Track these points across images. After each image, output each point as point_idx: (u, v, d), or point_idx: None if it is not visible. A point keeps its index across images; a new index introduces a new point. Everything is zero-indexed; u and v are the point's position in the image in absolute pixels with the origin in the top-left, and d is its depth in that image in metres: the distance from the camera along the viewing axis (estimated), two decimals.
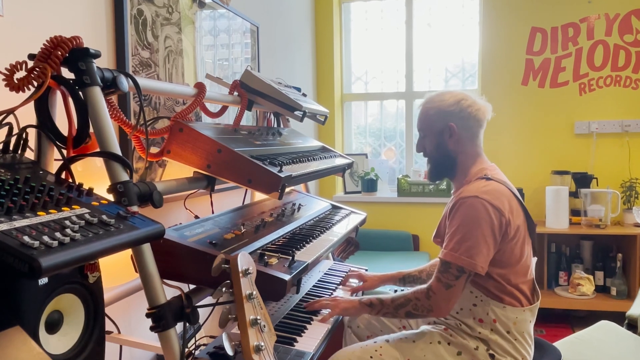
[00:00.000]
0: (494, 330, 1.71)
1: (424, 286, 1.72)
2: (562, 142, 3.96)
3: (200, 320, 1.49)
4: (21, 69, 1.07)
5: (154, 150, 1.73)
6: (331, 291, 2.10)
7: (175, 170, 2.00)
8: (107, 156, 1.13)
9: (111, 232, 0.90)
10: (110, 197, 1.12)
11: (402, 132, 4.49)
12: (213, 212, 1.81)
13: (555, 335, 3.38)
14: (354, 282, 2.24)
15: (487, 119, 1.85)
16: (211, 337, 2.04)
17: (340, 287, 2.13)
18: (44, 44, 1.10)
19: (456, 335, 1.75)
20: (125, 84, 1.24)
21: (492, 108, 1.89)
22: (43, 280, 0.89)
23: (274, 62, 3.28)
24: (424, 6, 4.33)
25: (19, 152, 1.06)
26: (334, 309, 1.81)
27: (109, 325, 1.36)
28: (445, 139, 1.82)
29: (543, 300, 2.93)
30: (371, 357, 1.72)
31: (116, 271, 1.38)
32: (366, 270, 2.39)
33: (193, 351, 1.61)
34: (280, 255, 1.48)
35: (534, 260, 1.85)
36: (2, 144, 1.05)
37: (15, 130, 1.08)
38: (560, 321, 3.71)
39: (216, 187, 1.66)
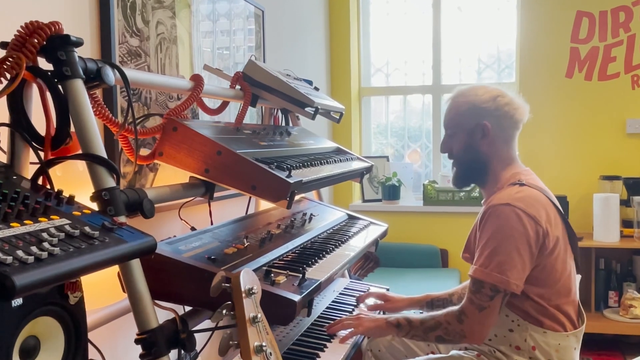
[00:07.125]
0: (533, 358, 1.71)
1: (455, 308, 1.72)
2: (612, 143, 3.92)
3: (198, 347, 1.48)
4: None
5: (144, 152, 1.73)
6: (348, 313, 2.09)
7: (169, 175, 2.00)
8: (91, 159, 1.13)
9: (95, 246, 0.90)
10: (94, 206, 1.12)
11: (428, 131, 4.47)
12: (212, 223, 1.82)
13: None
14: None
15: (524, 120, 1.86)
16: None
17: (362, 306, 2.13)
18: (18, 31, 1.10)
19: None
20: (111, 76, 1.24)
21: (532, 104, 1.89)
22: (17, 301, 0.89)
23: (282, 51, 3.28)
24: None
25: None
26: (357, 328, 1.83)
27: (92, 353, 1.35)
28: (477, 140, 1.83)
29: (590, 324, 2.90)
30: None
31: (101, 291, 1.38)
32: (387, 290, 2.37)
33: None
34: (289, 273, 1.47)
35: (578, 277, 1.84)
36: None
37: None
38: (610, 348, 3.66)
39: (215, 195, 1.66)
